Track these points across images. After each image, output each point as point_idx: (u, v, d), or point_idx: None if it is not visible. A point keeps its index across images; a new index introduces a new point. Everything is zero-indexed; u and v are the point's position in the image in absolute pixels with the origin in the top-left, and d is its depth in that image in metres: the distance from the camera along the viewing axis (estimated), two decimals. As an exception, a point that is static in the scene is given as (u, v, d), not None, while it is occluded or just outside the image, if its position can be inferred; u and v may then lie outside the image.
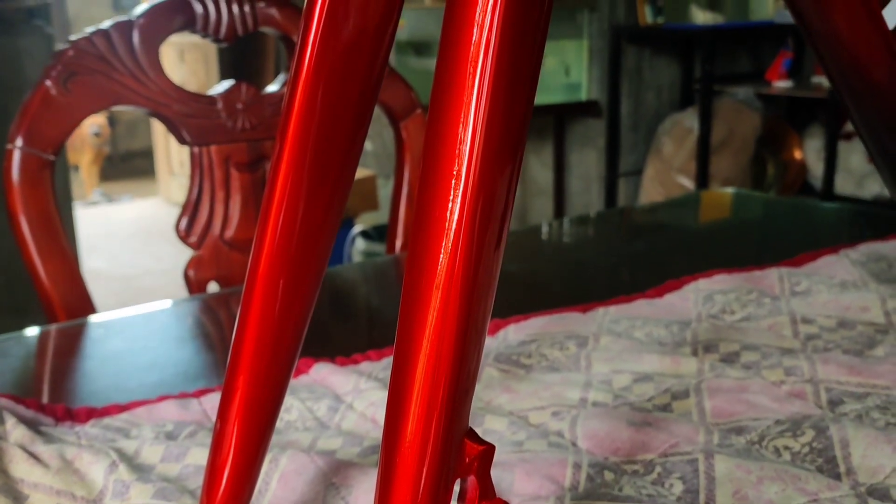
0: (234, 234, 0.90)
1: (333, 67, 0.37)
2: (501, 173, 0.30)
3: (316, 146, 0.39)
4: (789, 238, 1.02)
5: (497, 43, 0.29)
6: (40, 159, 0.78)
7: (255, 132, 0.90)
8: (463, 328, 0.31)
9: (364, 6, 0.37)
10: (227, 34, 0.88)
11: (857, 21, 0.44)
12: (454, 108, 0.29)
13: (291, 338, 0.42)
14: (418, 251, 0.31)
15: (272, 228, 0.39)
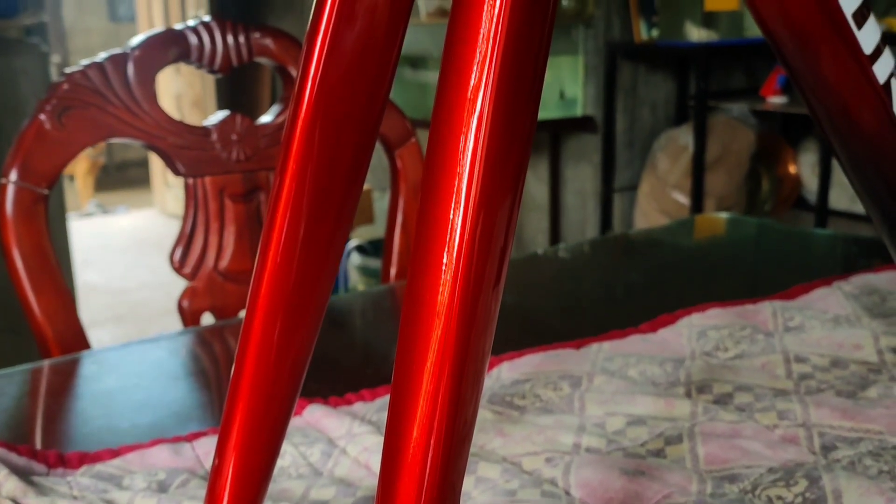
0: (229, 264, 0.90)
1: (334, 102, 0.37)
2: (500, 208, 0.31)
3: (316, 180, 0.39)
4: (783, 266, 1.02)
5: (497, 74, 0.29)
6: (34, 194, 0.77)
7: (250, 163, 0.90)
8: (460, 373, 0.31)
9: (366, 39, 0.37)
10: (222, 65, 0.88)
11: (843, 65, 0.44)
12: (452, 142, 0.29)
13: (291, 376, 0.42)
14: (416, 289, 0.30)
15: (271, 264, 0.39)
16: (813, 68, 0.45)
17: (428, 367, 0.31)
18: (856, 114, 0.47)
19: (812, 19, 0.43)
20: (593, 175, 2.77)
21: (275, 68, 0.92)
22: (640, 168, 2.77)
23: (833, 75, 0.46)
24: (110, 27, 6.48)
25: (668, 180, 2.59)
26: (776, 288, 0.89)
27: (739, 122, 2.64)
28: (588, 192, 2.80)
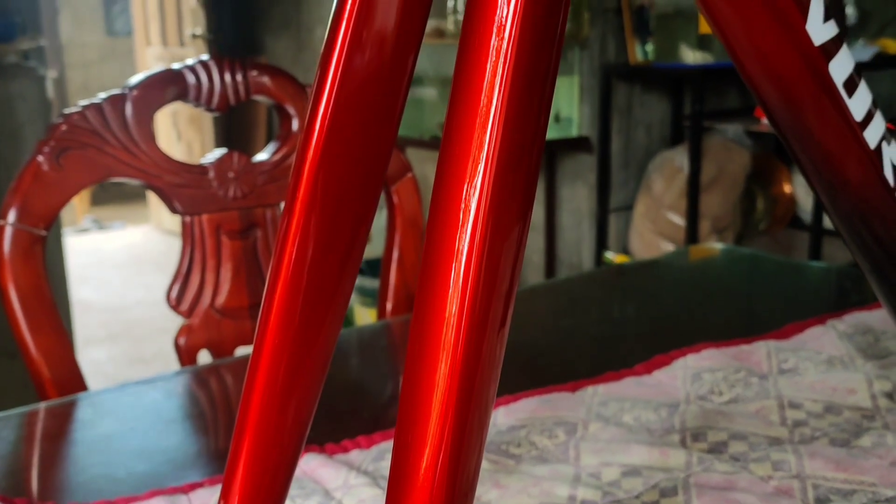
0: (225, 301, 0.91)
1: (343, 143, 0.38)
2: (505, 251, 0.31)
3: (323, 221, 0.39)
4: (777, 299, 1.03)
5: (502, 116, 0.30)
6: (32, 235, 0.78)
7: (247, 200, 0.91)
8: (463, 425, 0.31)
9: (374, 80, 0.38)
10: (220, 104, 0.89)
11: (826, 116, 0.44)
12: (456, 188, 0.30)
13: (295, 423, 0.42)
14: (420, 332, 0.31)
15: (277, 307, 0.39)
16: (803, 132, 0.46)
17: (432, 419, 0.31)
18: (846, 175, 0.48)
19: (803, 87, 0.43)
20: (589, 195, 2.78)
21: (272, 106, 0.92)
22: (636, 188, 2.78)
23: (824, 140, 0.46)
24: (107, 41, 6.50)
25: (664, 201, 2.60)
26: (770, 323, 0.89)
27: (734, 142, 2.65)
28: (584, 211, 2.81)
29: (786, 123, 0.46)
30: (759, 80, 0.44)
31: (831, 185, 0.49)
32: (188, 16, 3.98)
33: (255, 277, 0.92)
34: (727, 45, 0.42)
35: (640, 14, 2.60)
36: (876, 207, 0.50)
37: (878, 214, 0.51)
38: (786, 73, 0.42)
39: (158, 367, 2.81)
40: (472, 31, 0.30)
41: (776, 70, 0.42)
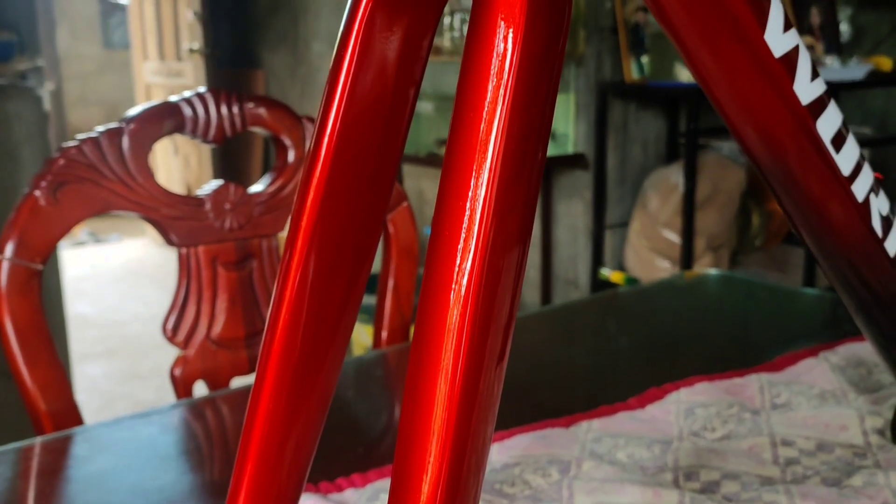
0: (221, 332, 0.91)
1: (345, 179, 0.38)
2: (502, 284, 0.31)
3: (325, 256, 0.39)
4: (771, 328, 1.03)
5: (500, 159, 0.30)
6: (29, 269, 0.78)
7: (243, 231, 0.91)
8: (459, 466, 0.31)
9: (376, 121, 0.38)
10: (216, 136, 0.89)
11: (815, 173, 0.45)
12: (455, 223, 0.30)
13: (295, 460, 0.42)
14: (418, 365, 0.31)
15: (277, 344, 0.40)
16: (791, 185, 0.47)
17: (430, 456, 0.31)
18: (834, 227, 0.49)
19: (791, 145, 0.44)
20: (585, 211, 2.79)
21: (269, 138, 0.93)
22: (631, 205, 2.79)
23: (812, 193, 0.47)
24: (104, 54, 6.51)
25: (659, 218, 2.60)
26: (763, 353, 0.90)
27: (729, 159, 2.66)
28: (579, 228, 2.82)
29: (773, 175, 0.46)
30: (748, 137, 0.44)
31: (819, 234, 0.50)
32: (185, 30, 3.99)
33: (250, 308, 0.92)
34: (714, 101, 0.43)
35: (636, 32, 2.61)
36: (865, 256, 0.51)
37: (866, 262, 0.52)
38: (774, 131, 0.43)
39: (154, 383, 2.81)
40: (472, 58, 0.30)
41: (764, 129, 0.43)
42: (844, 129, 0.46)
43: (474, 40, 0.31)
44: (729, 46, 0.39)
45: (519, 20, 0.30)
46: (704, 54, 0.40)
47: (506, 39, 0.31)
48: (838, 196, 0.46)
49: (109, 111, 6.44)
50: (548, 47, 0.32)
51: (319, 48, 3.72)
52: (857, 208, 0.47)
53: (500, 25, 0.31)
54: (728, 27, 0.39)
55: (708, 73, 0.41)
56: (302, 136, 0.93)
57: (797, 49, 0.42)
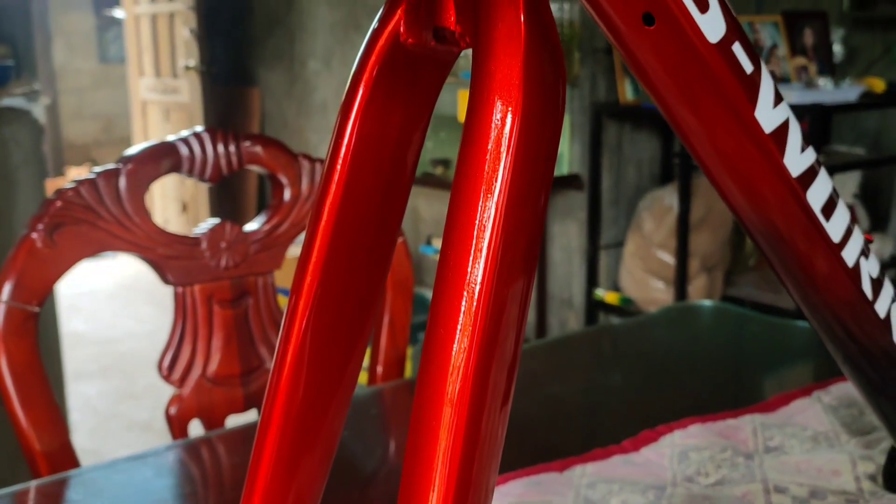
0: (217, 370, 0.91)
1: (349, 231, 0.39)
2: (507, 326, 0.32)
3: (329, 307, 0.40)
4: (765, 362, 1.04)
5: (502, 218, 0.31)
6: (25, 312, 0.78)
7: (239, 269, 0.92)
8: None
9: (378, 179, 0.38)
10: (213, 175, 0.90)
11: (798, 227, 0.45)
12: (461, 268, 0.31)
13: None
14: (422, 406, 0.31)
15: (282, 392, 0.40)
16: (780, 248, 0.47)
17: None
18: (824, 289, 0.49)
19: (781, 215, 0.44)
20: (579, 232, 2.79)
21: (265, 176, 0.93)
22: (626, 225, 2.80)
23: (801, 258, 0.47)
24: (100, 68, 6.52)
25: (654, 240, 2.61)
26: (757, 389, 0.90)
27: (723, 181, 2.67)
28: (574, 248, 2.82)
29: (760, 235, 0.46)
30: (736, 202, 0.45)
31: (806, 292, 0.50)
32: (181, 47, 4.00)
33: (246, 345, 0.93)
34: (699, 162, 0.43)
35: (630, 54, 2.63)
36: (854, 316, 0.51)
37: (855, 321, 0.52)
38: (764, 202, 0.44)
39: (149, 402, 2.81)
40: (472, 133, 0.31)
41: (753, 198, 0.44)
42: (835, 194, 0.47)
43: (474, 117, 0.32)
44: (719, 123, 0.40)
45: (517, 99, 0.31)
46: (695, 129, 0.41)
47: (504, 117, 0.31)
48: (829, 262, 0.47)
49: (105, 125, 6.45)
50: (544, 123, 0.32)
51: (315, 66, 3.73)
52: (848, 273, 0.48)
53: (497, 104, 0.31)
54: (719, 105, 0.39)
55: (698, 144, 0.42)
56: (298, 174, 0.94)
57: (787, 122, 0.42)
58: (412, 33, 0.34)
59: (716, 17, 0.38)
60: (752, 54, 0.40)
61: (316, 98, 3.75)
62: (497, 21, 0.30)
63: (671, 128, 0.41)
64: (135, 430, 2.69)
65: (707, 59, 0.38)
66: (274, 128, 4.03)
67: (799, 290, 0.50)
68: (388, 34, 0.34)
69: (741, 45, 0.40)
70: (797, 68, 3.01)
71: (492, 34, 0.30)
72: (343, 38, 3.56)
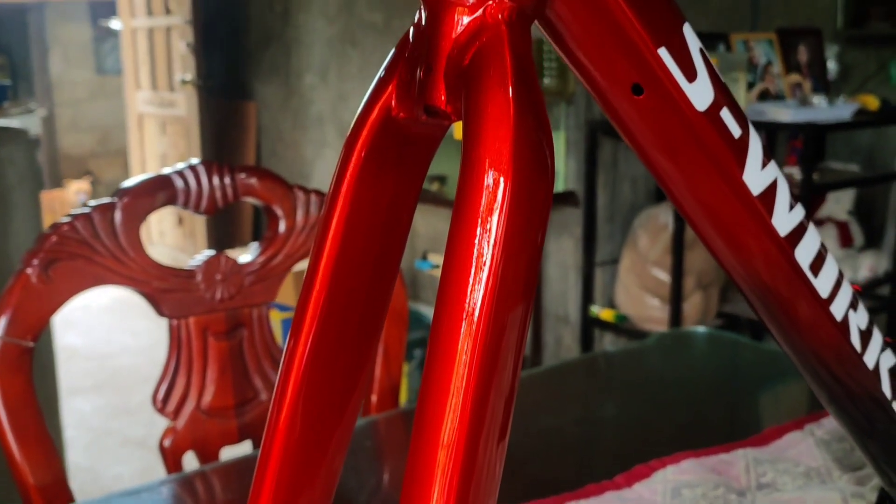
0: (211, 402, 0.91)
1: (350, 269, 0.39)
2: (503, 367, 0.32)
3: (329, 342, 0.40)
4: (758, 394, 1.04)
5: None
6: (20, 347, 0.79)
7: (233, 301, 0.92)
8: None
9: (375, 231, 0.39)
10: (208, 207, 0.90)
11: (786, 285, 0.46)
12: (456, 317, 0.31)
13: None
14: (419, 440, 0.32)
15: (282, 427, 0.40)
16: (769, 303, 0.48)
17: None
18: (813, 343, 0.50)
19: (770, 273, 0.45)
20: (575, 248, 2.80)
21: (261, 208, 0.94)
22: (621, 242, 2.81)
23: (789, 313, 0.48)
24: (97, 79, 6.52)
25: (649, 257, 2.62)
26: (751, 418, 0.91)
27: (718, 198, 2.68)
28: (570, 264, 2.83)
29: (747, 286, 0.47)
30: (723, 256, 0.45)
31: (793, 341, 0.50)
32: (178, 61, 4.01)
33: (240, 377, 0.93)
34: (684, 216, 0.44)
35: (625, 72, 2.64)
36: (842, 365, 0.52)
37: (843, 369, 0.52)
38: (751, 260, 0.44)
39: (143, 418, 2.80)
40: (464, 199, 0.31)
41: (740, 255, 0.44)
42: (823, 248, 0.47)
43: (465, 183, 0.32)
44: (707, 188, 0.41)
45: (507, 167, 0.31)
46: (684, 192, 0.41)
47: (496, 184, 0.32)
48: (817, 317, 0.47)
49: (101, 137, 6.45)
50: (534, 189, 0.33)
51: (311, 80, 3.74)
52: (837, 327, 0.48)
53: (488, 171, 0.32)
54: (707, 170, 0.40)
55: (687, 205, 0.42)
56: (293, 206, 0.94)
57: (775, 182, 0.43)
58: (403, 108, 0.34)
59: (704, 85, 0.38)
60: (740, 118, 0.41)
61: (312, 112, 3.76)
62: (487, 103, 0.30)
63: (660, 188, 0.42)
64: (129, 447, 2.69)
65: (695, 126, 0.38)
66: (270, 141, 4.03)
67: (786, 339, 0.50)
68: (379, 107, 0.35)
69: (729, 110, 0.40)
70: (792, 85, 3.03)
71: (482, 114, 0.30)
72: (339, 52, 3.57)
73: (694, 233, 0.45)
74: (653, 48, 0.36)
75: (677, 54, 0.37)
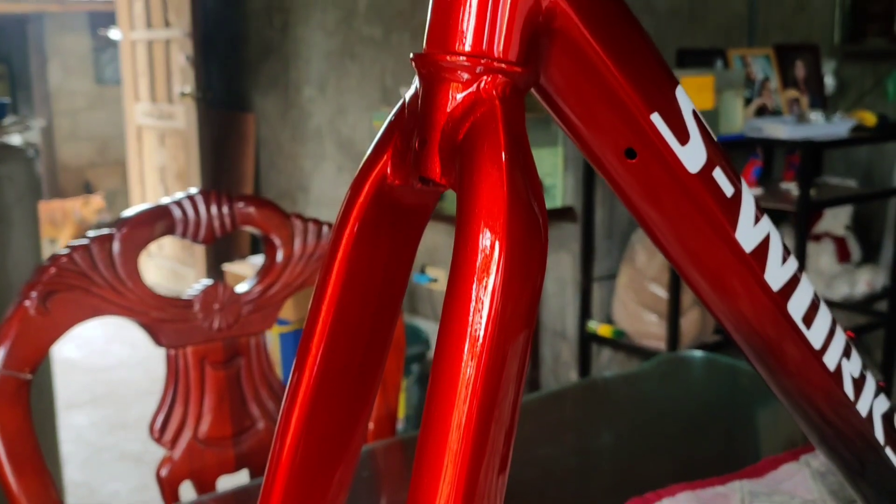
0: (208, 431, 0.91)
1: (354, 304, 0.39)
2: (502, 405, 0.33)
3: (332, 382, 0.40)
4: (754, 421, 1.04)
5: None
6: (17, 380, 0.79)
7: (231, 330, 0.92)
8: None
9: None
10: (206, 236, 0.91)
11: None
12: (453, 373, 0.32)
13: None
14: (420, 470, 0.32)
15: (284, 466, 0.40)
16: (763, 354, 0.48)
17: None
18: (806, 391, 0.50)
19: (762, 327, 0.45)
20: (573, 264, 2.80)
21: (259, 237, 0.94)
22: (619, 257, 2.81)
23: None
24: (96, 89, 6.53)
25: (646, 273, 2.62)
26: (747, 446, 0.91)
27: (716, 214, 2.68)
28: (567, 280, 2.83)
29: (744, 342, 0.47)
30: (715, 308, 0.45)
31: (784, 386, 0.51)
32: (177, 73, 4.01)
33: (237, 406, 0.93)
34: (687, 282, 0.44)
35: (623, 88, 2.64)
36: (835, 412, 0.52)
37: (837, 417, 0.53)
38: (745, 314, 0.44)
39: (140, 433, 2.80)
40: (460, 258, 0.32)
41: (735, 311, 0.44)
42: (816, 299, 0.48)
43: (461, 243, 0.32)
44: (700, 247, 0.41)
45: (501, 232, 0.32)
46: (677, 250, 0.42)
47: (491, 245, 0.32)
48: (810, 366, 0.48)
49: (100, 147, 6.46)
50: (528, 249, 0.33)
51: (310, 93, 3.75)
52: (830, 376, 0.49)
53: (483, 232, 0.32)
54: (700, 230, 0.40)
55: (682, 262, 0.43)
56: (291, 235, 0.94)
57: (768, 237, 0.43)
58: (398, 176, 0.34)
59: (696, 147, 0.39)
60: (732, 176, 0.41)
61: (310, 125, 3.77)
62: (482, 180, 0.31)
63: (653, 245, 0.42)
64: (126, 462, 2.68)
65: (688, 188, 0.39)
66: (269, 154, 4.04)
67: (777, 384, 0.51)
68: (375, 175, 0.35)
69: (722, 170, 0.41)
70: (789, 101, 3.04)
71: (477, 190, 0.31)
72: (338, 65, 3.58)
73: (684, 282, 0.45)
74: (646, 114, 0.36)
75: (670, 119, 0.37)
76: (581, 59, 0.34)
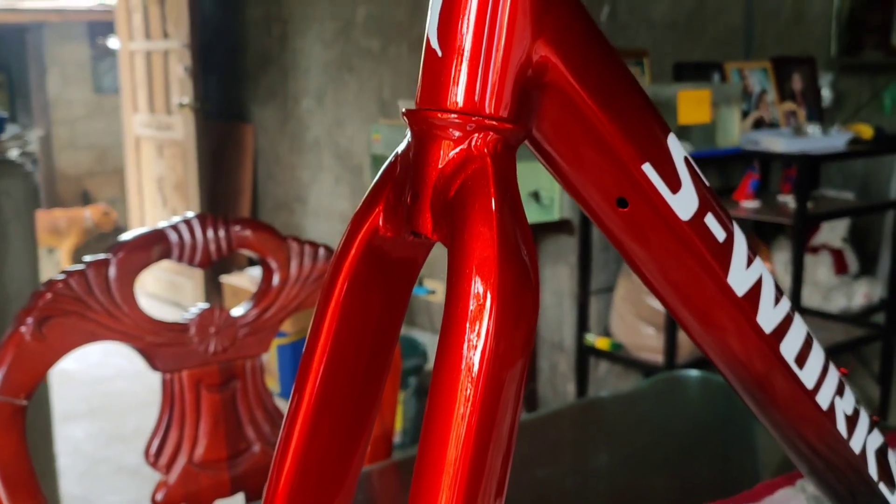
0: (204, 454, 0.91)
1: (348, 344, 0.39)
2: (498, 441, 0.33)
3: (332, 410, 0.40)
4: (750, 438, 1.04)
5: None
6: (13, 406, 0.79)
7: (227, 353, 0.92)
8: None
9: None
10: (203, 260, 0.91)
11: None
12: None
13: None
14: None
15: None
16: (757, 394, 0.48)
17: None
18: (799, 428, 0.50)
19: (755, 368, 0.45)
20: (570, 276, 2.81)
21: (257, 260, 0.94)
22: (616, 270, 2.81)
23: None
24: (94, 98, 6.53)
25: (643, 286, 2.62)
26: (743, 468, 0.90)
27: (713, 227, 2.68)
28: (565, 292, 2.83)
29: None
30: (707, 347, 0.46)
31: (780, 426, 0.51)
32: (176, 84, 4.02)
33: (233, 429, 0.93)
34: (679, 323, 0.44)
35: (621, 101, 2.65)
36: (829, 448, 0.52)
37: (831, 452, 0.53)
38: (738, 356, 0.45)
39: (138, 445, 2.79)
40: (453, 303, 0.32)
41: (728, 353, 0.45)
42: (809, 338, 0.48)
43: (453, 289, 0.32)
44: (692, 292, 0.41)
45: (493, 285, 0.32)
46: (670, 295, 0.42)
47: (483, 290, 0.32)
48: (803, 406, 0.48)
49: (99, 156, 6.46)
50: (520, 297, 0.33)
51: (308, 105, 3.76)
52: (823, 415, 0.49)
53: (475, 279, 0.32)
54: (692, 276, 0.41)
55: (674, 306, 0.43)
56: (287, 258, 0.94)
57: (760, 280, 0.44)
58: (390, 228, 0.35)
59: (688, 194, 0.39)
60: (724, 220, 0.42)
61: (309, 136, 3.77)
62: (473, 239, 0.31)
63: (648, 289, 0.42)
64: (123, 475, 2.68)
65: (680, 236, 0.39)
66: (267, 164, 4.04)
67: (768, 420, 0.51)
68: (367, 227, 0.35)
69: (713, 215, 0.41)
70: (786, 113, 3.05)
71: (467, 248, 0.31)
72: (336, 77, 3.58)
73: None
74: (637, 164, 0.37)
75: (661, 167, 0.37)
76: (572, 112, 0.35)
